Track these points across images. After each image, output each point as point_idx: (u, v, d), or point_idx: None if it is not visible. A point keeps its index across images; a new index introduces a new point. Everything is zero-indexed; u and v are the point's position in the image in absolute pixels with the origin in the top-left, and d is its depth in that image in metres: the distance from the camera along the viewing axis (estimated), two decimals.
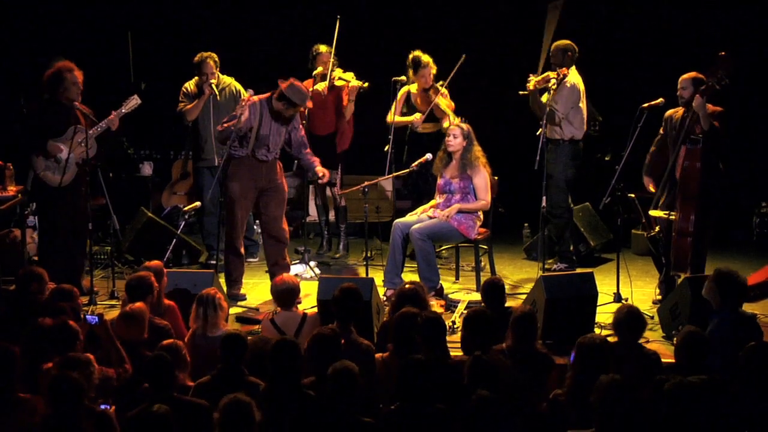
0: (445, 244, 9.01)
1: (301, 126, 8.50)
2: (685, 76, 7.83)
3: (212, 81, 9.01)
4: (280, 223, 8.43)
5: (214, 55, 9.18)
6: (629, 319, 6.02)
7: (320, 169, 8.42)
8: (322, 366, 5.34)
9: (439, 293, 8.22)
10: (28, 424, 5.13)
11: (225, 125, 8.09)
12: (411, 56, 9.22)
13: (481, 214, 8.40)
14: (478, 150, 8.35)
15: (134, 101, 8.32)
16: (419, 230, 8.17)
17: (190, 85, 9.30)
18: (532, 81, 8.83)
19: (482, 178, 8.31)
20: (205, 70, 9.17)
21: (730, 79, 7.57)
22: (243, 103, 8.11)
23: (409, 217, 8.45)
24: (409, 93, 9.37)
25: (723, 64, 7.53)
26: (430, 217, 8.34)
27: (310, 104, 8.64)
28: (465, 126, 8.42)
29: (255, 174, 8.28)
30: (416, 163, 8.62)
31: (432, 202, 8.48)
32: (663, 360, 6.17)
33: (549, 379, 5.88)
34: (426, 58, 9.19)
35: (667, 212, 7.86)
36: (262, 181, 8.31)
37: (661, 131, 8.10)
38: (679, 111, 7.88)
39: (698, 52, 8.70)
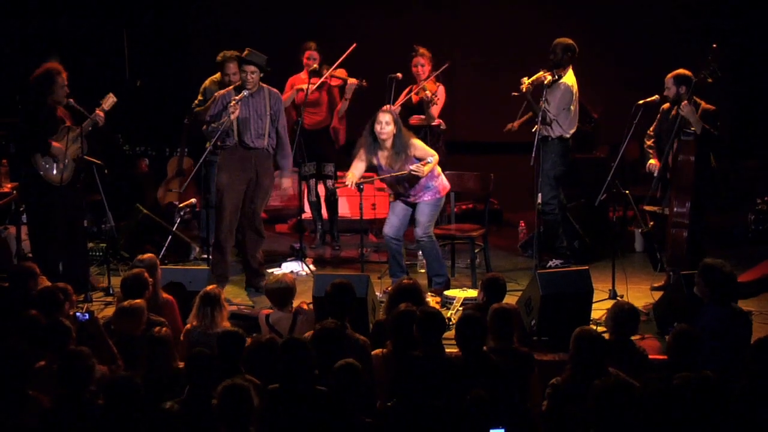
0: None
1: (284, 122, 8.44)
2: (668, 75, 7.91)
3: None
4: (260, 217, 8.51)
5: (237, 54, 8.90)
6: (625, 316, 6.00)
7: (286, 180, 8.86)
8: (326, 361, 5.33)
9: (446, 285, 8.24)
10: (36, 420, 5.14)
11: (211, 125, 8.18)
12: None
13: (441, 173, 8.28)
14: (406, 133, 8.18)
15: (111, 99, 8.35)
16: (424, 231, 8.15)
17: (210, 83, 9.24)
18: (525, 82, 8.80)
19: (419, 149, 8.12)
20: (227, 72, 9.03)
21: (723, 72, 7.62)
22: (233, 101, 8.10)
23: (390, 220, 8.32)
24: (410, 89, 9.39)
25: (716, 56, 7.58)
26: (402, 198, 8.23)
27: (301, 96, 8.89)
28: (394, 108, 8.28)
29: (244, 164, 8.29)
30: None
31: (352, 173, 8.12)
32: (657, 357, 6.17)
33: (532, 378, 5.85)
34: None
35: (660, 207, 7.89)
36: (250, 172, 8.31)
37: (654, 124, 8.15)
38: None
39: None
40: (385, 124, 8.06)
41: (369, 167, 8.28)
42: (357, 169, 8.16)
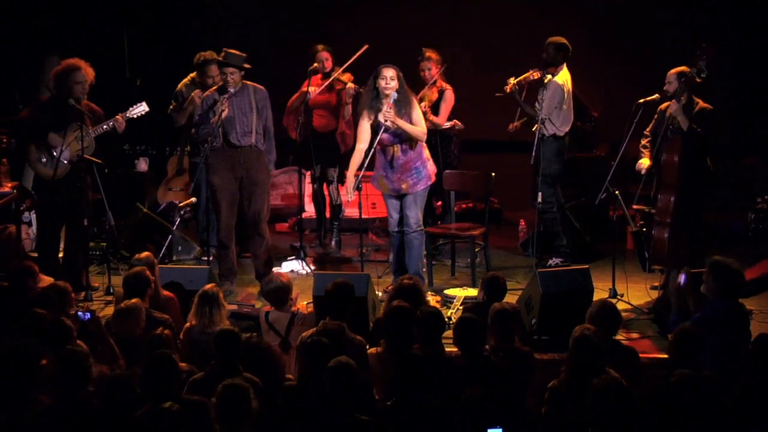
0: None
1: (270, 117, 8.40)
2: (671, 71, 7.88)
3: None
4: (262, 216, 8.47)
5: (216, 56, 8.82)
6: (601, 314, 5.92)
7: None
8: (326, 362, 5.33)
9: None
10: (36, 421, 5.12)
11: (202, 127, 8.21)
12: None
13: (429, 157, 8.24)
14: (409, 89, 8.12)
15: (142, 108, 8.28)
16: (418, 223, 8.12)
17: (183, 86, 9.28)
18: (511, 83, 8.78)
19: (418, 114, 8.05)
20: (210, 74, 9.02)
21: (711, 71, 7.61)
22: (223, 99, 8.11)
23: (392, 215, 8.30)
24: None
25: (704, 55, 7.57)
26: (395, 190, 8.18)
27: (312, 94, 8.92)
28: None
29: (232, 163, 8.31)
30: None
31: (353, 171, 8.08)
32: (658, 356, 6.15)
33: (533, 378, 5.83)
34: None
35: (648, 207, 7.91)
36: (240, 170, 8.33)
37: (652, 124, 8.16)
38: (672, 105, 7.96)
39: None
40: (390, 79, 7.96)
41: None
42: (364, 130, 8.06)
